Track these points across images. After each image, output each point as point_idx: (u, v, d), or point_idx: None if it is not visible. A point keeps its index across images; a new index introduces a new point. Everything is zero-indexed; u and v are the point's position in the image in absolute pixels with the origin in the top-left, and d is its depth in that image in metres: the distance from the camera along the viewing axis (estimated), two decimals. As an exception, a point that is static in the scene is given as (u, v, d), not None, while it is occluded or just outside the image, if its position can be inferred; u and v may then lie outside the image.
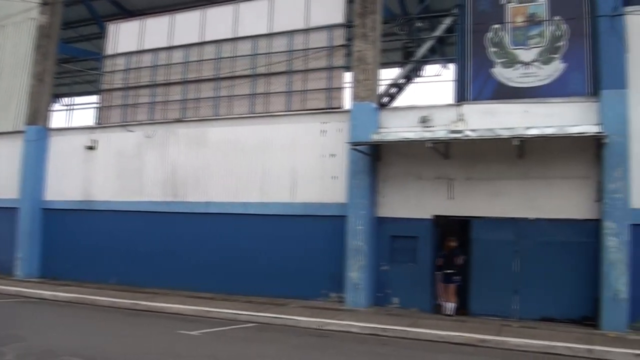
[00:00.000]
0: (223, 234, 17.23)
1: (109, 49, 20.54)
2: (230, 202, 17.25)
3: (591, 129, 13.12)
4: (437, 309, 14.63)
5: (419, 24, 17.64)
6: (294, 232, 16.31)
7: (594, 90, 13.74)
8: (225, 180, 17.41)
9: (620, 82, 13.25)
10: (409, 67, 16.93)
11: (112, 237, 18.86)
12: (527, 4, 14.75)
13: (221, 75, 18.34)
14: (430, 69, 18.38)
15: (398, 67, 17.91)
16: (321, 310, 14.34)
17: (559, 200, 13.82)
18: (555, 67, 14.29)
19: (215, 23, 18.77)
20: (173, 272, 17.58)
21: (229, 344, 10.85)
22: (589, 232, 13.42)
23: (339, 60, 16.86)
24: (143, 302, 14.87)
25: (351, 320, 12.95)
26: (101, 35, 21.30)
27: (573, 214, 13.71)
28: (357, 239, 15.03)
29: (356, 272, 14.96)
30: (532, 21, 14.67)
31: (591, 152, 13.48)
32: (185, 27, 19.22)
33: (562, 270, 13.63)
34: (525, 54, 14.62)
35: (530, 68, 14.51)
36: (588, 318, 13.16)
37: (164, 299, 15.60)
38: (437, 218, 15.01)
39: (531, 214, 14.03)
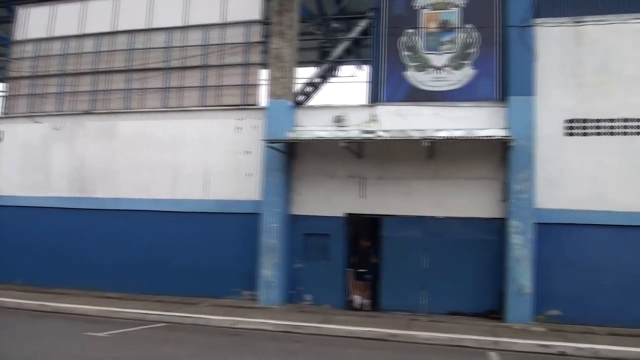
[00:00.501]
0: (133, 231, 16.76)
1: (18, 35, 19.44)
2: (141, 199, 16.82)
3: (498, 132, 13.72)
4: (349, 305, 14.89)
5: (335, 25, 17.76)
6: (206, 230, 16.12)
7: (502, 96, 14.34)
8: (136, 176, 16.96)
9: (527, 89, 13.91)
10: (324, 66, 17.02)
11: (17, 234, 17.90)
12: (440, 11, 15.20)
13: (133, 67, 17.81)
14: (345, 70, 18.56)
15: (314, 66, 17.98)
16: (233, 308, 14.23)
17: (467, 199, 14.34)
18: (466, 73, 14.79)
19: (128, 12, 18.15)
20: (82, 272, 16.90)
21: (137, 344, 10.57)
22: (496, 230, 14.01)
23: (255, 56, 16.78)
24: (50, 303, 14.26)
25: (264, 318, 12.94)
26: (10, 19, 20.14)
27: (480, 213, 14.27)
28: (271, 236, 15.03)
29: (269, 269, 14.95)
30: (445, 27, 15.13)
31: (498, 155, 14.05)
32: (97, 15, 18.48)
33: (469, 267, 14.17)
34: (437, 59, 15.06)
35: (441, 72, 14.96)
36: (494, 312, 13.75)
37: (72, 299, 15.04)
38: (350, 216, 15.22)
39: (440, 213, 14.50)
